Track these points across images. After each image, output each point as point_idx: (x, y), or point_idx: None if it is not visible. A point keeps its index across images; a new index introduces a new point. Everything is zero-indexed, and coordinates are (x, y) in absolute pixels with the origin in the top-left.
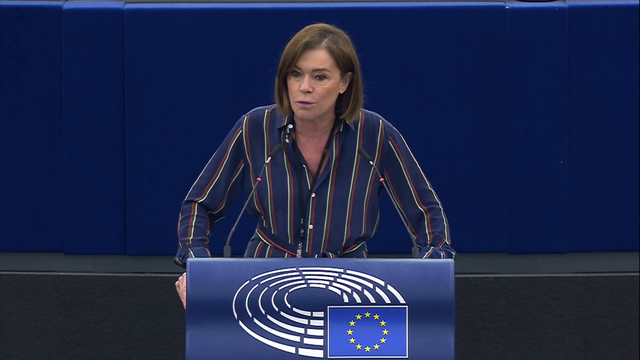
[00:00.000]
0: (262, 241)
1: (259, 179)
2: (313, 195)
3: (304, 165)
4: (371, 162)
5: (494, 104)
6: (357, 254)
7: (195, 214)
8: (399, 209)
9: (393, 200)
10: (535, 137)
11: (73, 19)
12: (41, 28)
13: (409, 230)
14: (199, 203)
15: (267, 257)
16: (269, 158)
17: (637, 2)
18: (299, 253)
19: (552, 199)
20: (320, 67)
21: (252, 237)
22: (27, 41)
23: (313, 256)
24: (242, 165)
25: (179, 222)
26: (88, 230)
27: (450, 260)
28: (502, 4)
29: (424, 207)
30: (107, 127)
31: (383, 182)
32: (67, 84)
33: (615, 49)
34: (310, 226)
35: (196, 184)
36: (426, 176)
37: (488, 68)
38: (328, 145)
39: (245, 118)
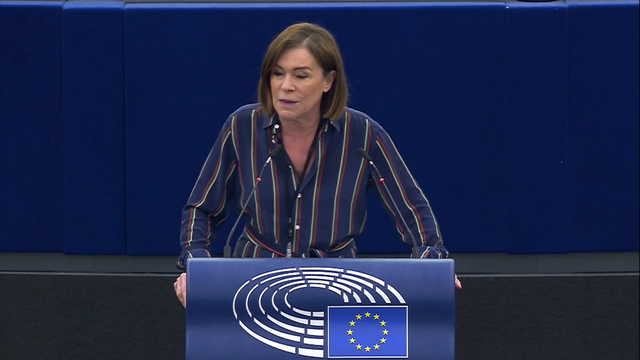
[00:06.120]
0: (250, 241)
1: (258, 179)
2: (299, 196)
3: (289, 166)
4: (371, 162)
5: (494, 104)
6: (345, 252)
7: (194, 218)
8: (387, 208)
9: (381, 199)
10: (535, 137)
11: (73, 19)
12: (41, 28)
13: (398, 231)
14: (197, 207)
15: (255, 257)
16: (269, 158)
17: (637, 2)
18: (289, 253)
19: (552, 199)
20: (301, 65)
21: (241, 237)
22: (27, 41)
23: (300, 255)
24: (234, 165)
25: (180, 228)
26: (88, 230)
27: (451, 260)
28: (502, 4)
29: (413, 207)
30: (107, 127)
31: (383, 182)
32: (67, 84)
33: (615, 49)
34: (297, 227)
35: (195, 189)
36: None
37: (488, 68)
38: (314, 145)
39: (232, 118)
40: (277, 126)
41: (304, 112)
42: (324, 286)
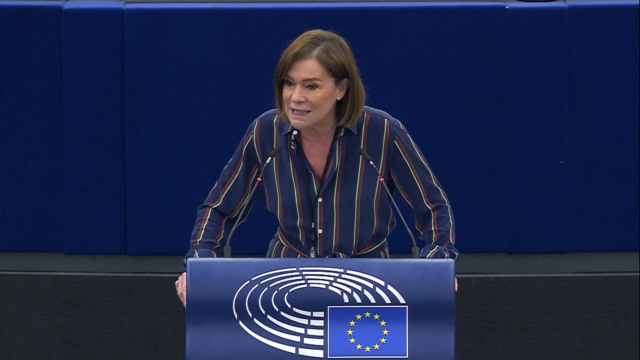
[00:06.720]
0: (280, 241)
1: (259, 179)
2: (320, 200)
3: (310, 171)
4: (371, 162)
5: (494, 104)
6: (373, 255)
7: (208, 217)
8: (407, 207)
9: (402, 199)
10: (535, 137)
11: (73, 19)
12: (41, 28)
13: (416, 228)
14: (213, 208)
15: (283, 257)
16: (269, 158)
17: (637, 2)
18: (312, 256)
19: (552, 199)
20: (310, 76)
21: (274, 235)
22: (27, 41)
23: (324, 257)
24: (257, 169)
25: (193, 226)
26: (88, 230)
27: (451, 260)
28: (502, 4)
29: (432, 205)
30: (107, 127)
31: (383, 182)
32: (67, 84)
33: (615, 49)
34: (320, 230)
35: (213, 190)
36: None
37: (488, 68)
38: (332, 149)
39: (256, 123)
40: (295, 132)
41: (317, 121)
42: (324, 286)
